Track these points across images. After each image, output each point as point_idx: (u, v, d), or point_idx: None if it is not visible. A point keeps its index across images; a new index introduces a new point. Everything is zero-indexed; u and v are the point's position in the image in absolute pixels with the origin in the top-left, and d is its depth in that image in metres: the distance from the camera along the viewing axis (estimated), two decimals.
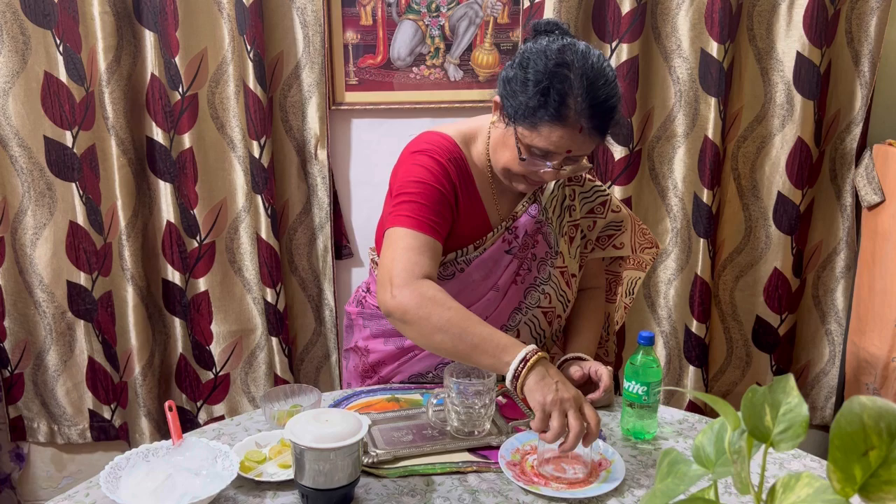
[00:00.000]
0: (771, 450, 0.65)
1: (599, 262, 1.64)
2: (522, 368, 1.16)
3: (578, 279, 1.56)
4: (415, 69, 2.15)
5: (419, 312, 1.23)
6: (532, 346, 1.19)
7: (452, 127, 1.43)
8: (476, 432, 1.26)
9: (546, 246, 1.47)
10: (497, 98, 1.32)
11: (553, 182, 1.45)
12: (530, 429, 1.28)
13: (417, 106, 2.18)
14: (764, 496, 0.64)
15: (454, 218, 1.37)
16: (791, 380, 0.66)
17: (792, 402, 0.65)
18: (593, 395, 1.38)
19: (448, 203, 1.34)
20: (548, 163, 1.29)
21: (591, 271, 1.63)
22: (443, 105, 2.18)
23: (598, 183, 1.55)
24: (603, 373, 1.38)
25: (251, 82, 2.03)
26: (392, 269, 1.27)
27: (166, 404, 1.20)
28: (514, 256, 1.43)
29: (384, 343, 1.54)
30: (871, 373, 2.10)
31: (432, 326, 1.23)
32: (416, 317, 1.24)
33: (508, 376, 1.18)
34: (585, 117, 1.23)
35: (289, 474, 1.13)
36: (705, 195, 2.12)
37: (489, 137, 1.39)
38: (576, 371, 1.40)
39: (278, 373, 2.25)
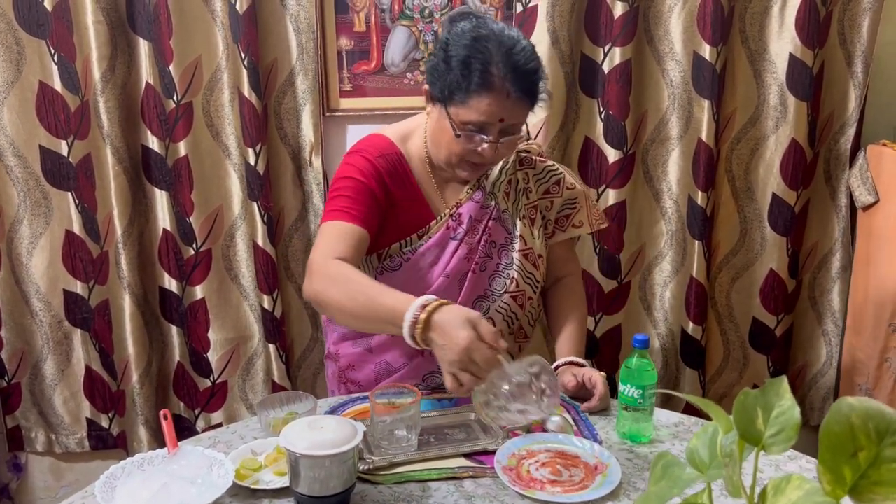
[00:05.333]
0: (765, 452, 0.65)
1: (567, 245, 1.65)
2: (416, 330, 1.16)
3: (546, 259, 1.57)
4: (409, 75, 2.15)
5: (327, 293, 1.30)
6: (419, 302, 1.17)
7: (392, 127, 1.52)
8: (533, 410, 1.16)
9: (504, 231, 1.50)
10: (426, 87, 1.40)
11: (498, 168, 1.49)
12: (526, 433, 1.29)
13: (412, 112, 2.15)
14: (756, 499, 0.64)
15: (387, 207, 1.43)
16: (784, 382, 0.66)
17: (784, 404, 0.65)
18: (588, 404, 1.39)
19: (373, 194, 1.40)
20: (484, 136, 1.34)
21: (561, 256, 1.63)
22: None
23: (550, 163, 1.58)
24: (597, 380, 1.39)
25: (246, 90, 2.04)
26: (311, 260, 1.35)
27: (161, 413, 1.20)
28: (460, 242, 1.46)
29: (352, 345, 1.56)
30: (864, 373, 2.10)
31: (337, 303, 1.28)
32: (326, 298, 1.30)
33: (406, 336, 1.18)
34: (510, 81, 1.30)
35: (284, 482, 1.13)
36: (700, 197, 2.12)
37: (426, 132, 1.47)
38: (569, 381, 1.41)
39: (276, 380, 2.24)
